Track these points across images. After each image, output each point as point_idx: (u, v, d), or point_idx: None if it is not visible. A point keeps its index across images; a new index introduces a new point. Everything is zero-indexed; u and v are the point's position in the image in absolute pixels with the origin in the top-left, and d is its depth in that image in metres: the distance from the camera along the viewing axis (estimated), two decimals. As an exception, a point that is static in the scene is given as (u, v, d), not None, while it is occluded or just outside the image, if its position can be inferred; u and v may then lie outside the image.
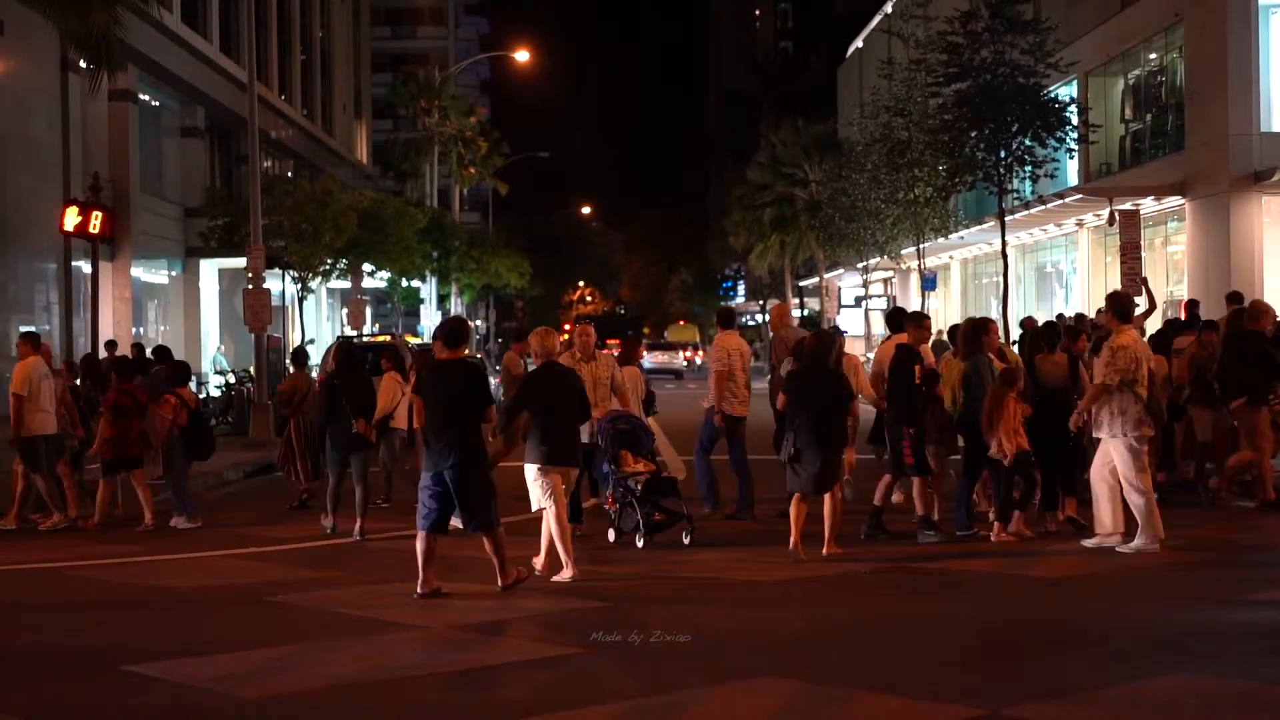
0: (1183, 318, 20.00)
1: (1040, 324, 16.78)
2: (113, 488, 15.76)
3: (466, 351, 11.82)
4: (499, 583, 11.05)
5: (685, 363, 67.77)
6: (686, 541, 13.26)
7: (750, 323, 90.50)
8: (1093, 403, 12.61)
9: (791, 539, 12.30)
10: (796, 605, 10.66)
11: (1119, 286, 25.20)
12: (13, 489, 15.75)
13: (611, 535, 13.67)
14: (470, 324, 13.11)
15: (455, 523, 11.34)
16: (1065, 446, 13.54)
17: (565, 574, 11.53)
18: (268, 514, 16.26)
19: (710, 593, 11.17)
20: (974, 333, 13.64)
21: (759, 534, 13.71)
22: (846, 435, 12.71)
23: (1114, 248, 28.65)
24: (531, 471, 11.58)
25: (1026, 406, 13.23)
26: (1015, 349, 17.29)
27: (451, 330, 11.74)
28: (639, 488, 13.39)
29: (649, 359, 65.16)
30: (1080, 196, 33.72)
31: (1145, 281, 23.33)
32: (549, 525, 11.64)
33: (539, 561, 11.75)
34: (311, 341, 35.74)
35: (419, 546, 10.96)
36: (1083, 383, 13.68)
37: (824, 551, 12.30)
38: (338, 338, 37.67)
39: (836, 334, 14.86)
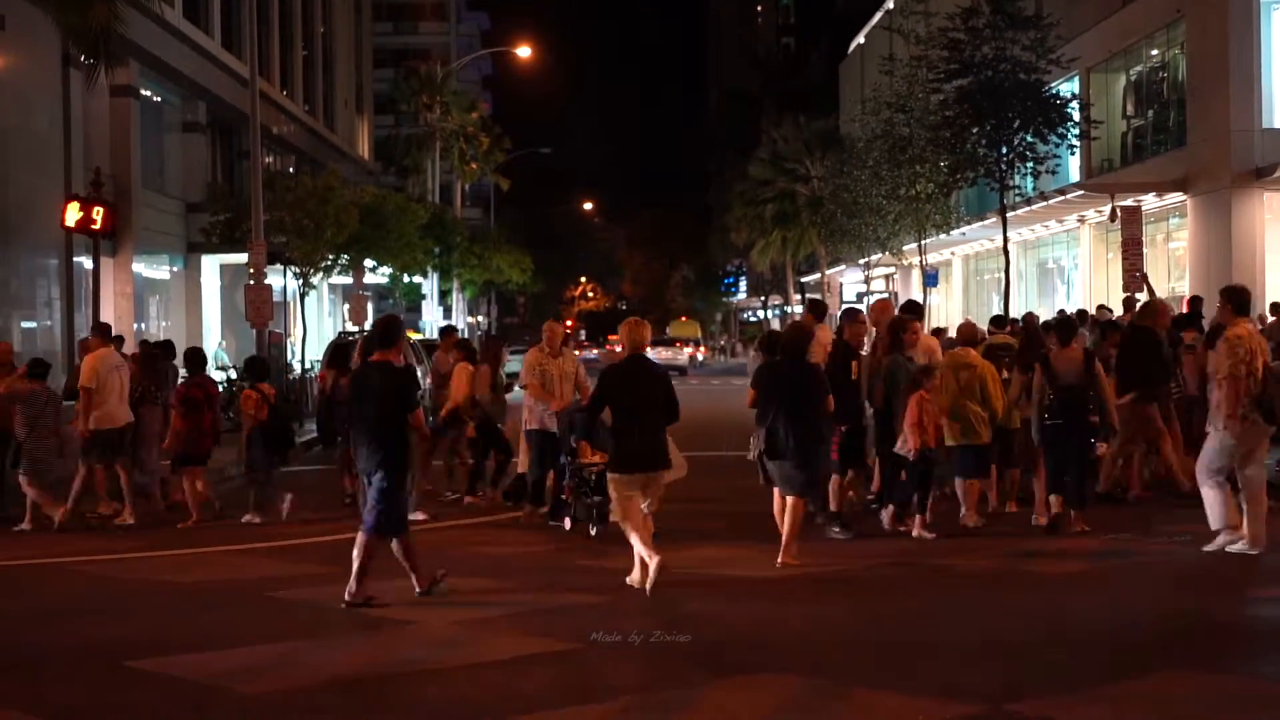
0: (1184, 312, 19.98)
1: (1055, 317, 16.58)
2: (189, 481, 15.52)
3: (398, 354, 11.03)
4: (347, 596, 10.49)
5: (688, 359, 67.71)
6: None
7: (752, 318, 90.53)
8: (1235, 397, 11.94)
9: (782, 529, 12.03)
10: (795, 602, 10.65)
11: (1120, 283, 25.25)
12: (117, 486, 15.65)
13: (567, 523, 14.21)
14: (401, 321, 12.62)
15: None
16: (1079, 446, 13.24)
17: (648, 572, 10.72)
18: (270, 510, 16.23)
19: (708, 589, 11.15)
20: (894, 331, 14.06)
21: (756, 531, 13.69)
22: (822, 432, 12.29)
23: (1116, 244, 28.66)
24: (610, 477, 10.91)
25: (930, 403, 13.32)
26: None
27: (382, 330, 11.09)
28: (593, 478, 13.76)
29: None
30: (1082, 192, 33.74)
31: (1146, 277, 23.38)
32: (630, 534, 10.87)
33: (634, 576, 10.95)
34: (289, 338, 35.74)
35: (394, 548, 10.76)
36: (1099, 379, 13.49)
37: (778, 561, 11.82)
38: (339, 333, 37.70)
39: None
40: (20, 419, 15.21)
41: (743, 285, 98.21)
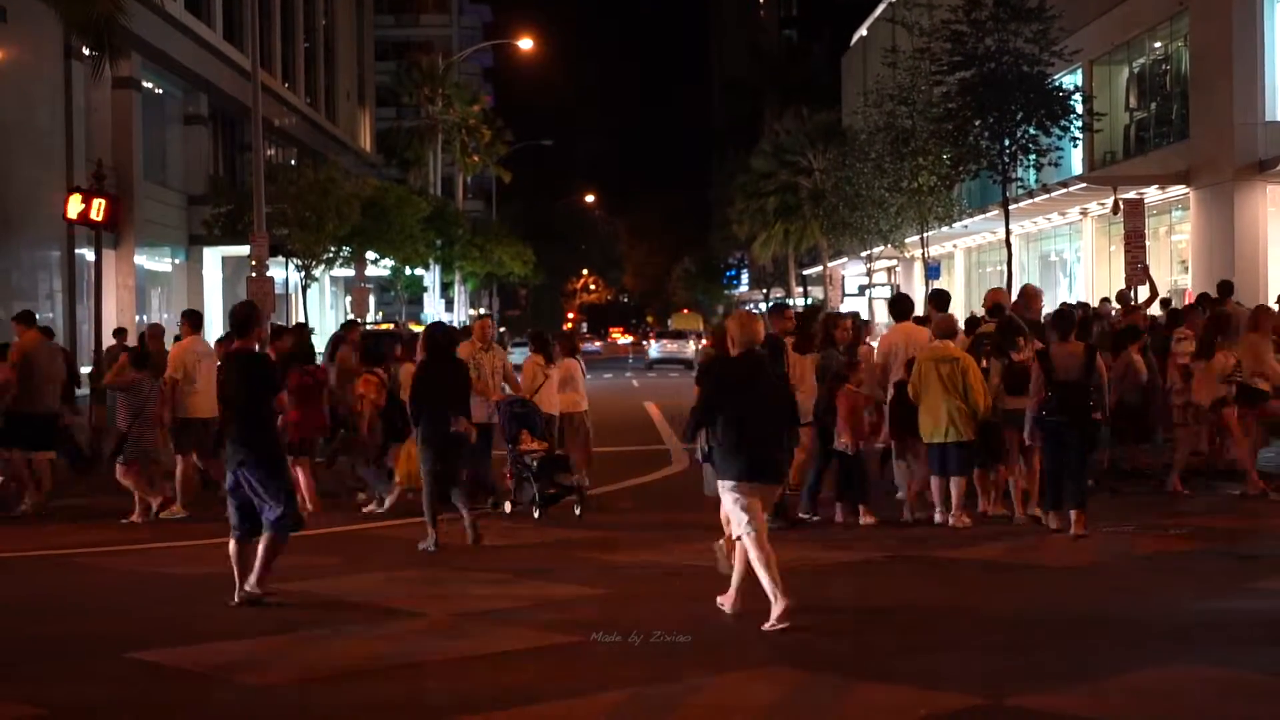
0: (1186, 306, 19.95)
1: (1055, 310, 16.10)
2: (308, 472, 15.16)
3: (255, 340, 10.72)
4: (246, 586, 10.26)
5: (694, 352, 67.31)
6: (577, 513, 14.37)
7: (753, 311, 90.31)
8: None
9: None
10: (796, 594, 10.62)
11: (1123, 275, 25.22)
12: (176, 476, 15.37)
13: (508, 507, 14.87)
14: (257, 307, 12.00)
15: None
16: (1079, 448, 12.61)
17: (776, 609, 9.22)
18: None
19: (709, 582, 11.13)
20: (825, 328, 14.43)
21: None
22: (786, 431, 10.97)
23: (1118, 236, 28.61)
24: (725, 491, 9.50)
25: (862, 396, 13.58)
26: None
27: (237, 318, 10.57)
28: (535, 464, 14.59)
29: (657, 348, 64.94)
30: (1084, 185, 33.70)
31: (1148, 270, 23.32)
32: (748, 555, 9.42)
33: (727, 600, 9.75)
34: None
35: (231, 552, 10.39)
36: (1100, 375, 12.84)
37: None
38: (342, 325, 37.68)
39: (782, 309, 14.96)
40: (124, 409, 14.97)
41: (744, 278, 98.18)
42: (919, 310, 18.15)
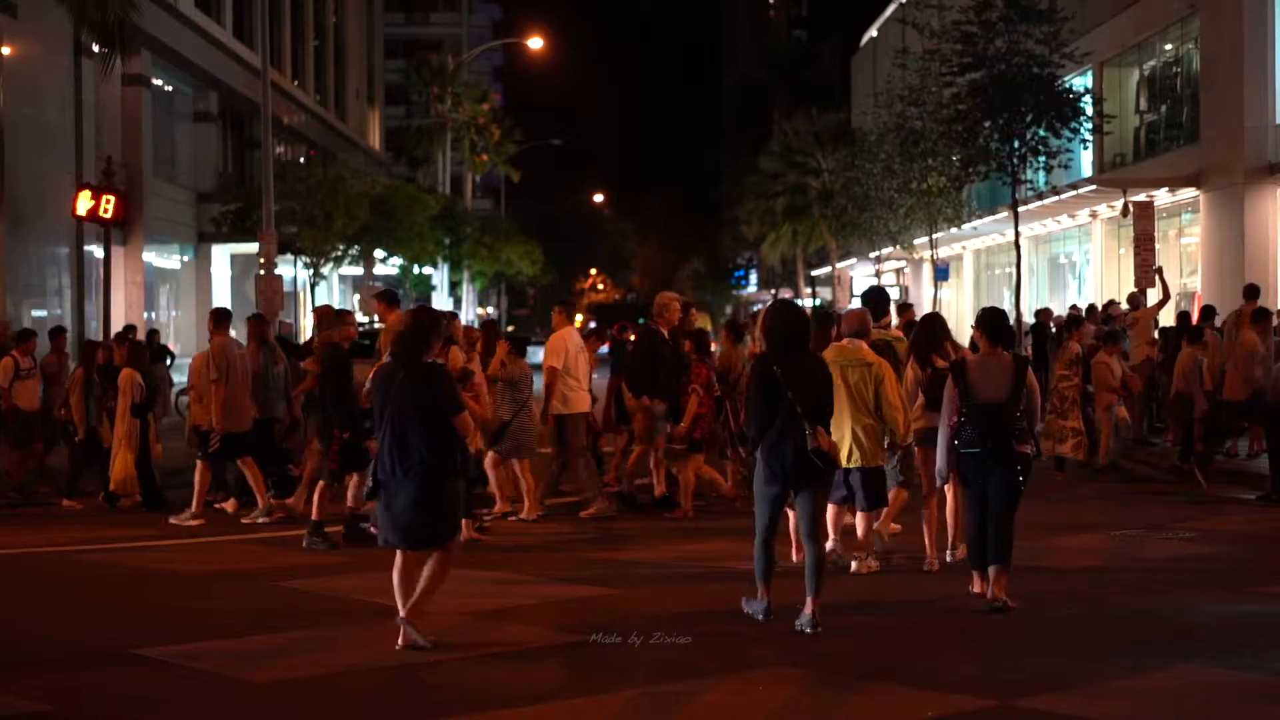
0: (1195, 319, 19.87)
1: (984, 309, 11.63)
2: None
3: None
4: None
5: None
6: None
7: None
8: None
9: (399, 606, 8.90)
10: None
11: (1132, 278, 25.19)
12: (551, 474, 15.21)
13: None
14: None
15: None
16: (1004, 483, 9.85)
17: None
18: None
19: (714, 581, 11.11)
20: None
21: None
22: (455, 460, 8.93)
23: (1128, 239, 28.58)
24: None
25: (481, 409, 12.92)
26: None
27: None
28: None
29: None
30: (1094, 187, 33.60)
31: (1160, 272, 23.26)
32: None
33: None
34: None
35: None
36: (1031, 394, 9.99)
37: (399, 644, 8.84)
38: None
39: (452, 316, 13.65)
40: (508, 400, 14.55)
41: (753, 278, 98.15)
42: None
